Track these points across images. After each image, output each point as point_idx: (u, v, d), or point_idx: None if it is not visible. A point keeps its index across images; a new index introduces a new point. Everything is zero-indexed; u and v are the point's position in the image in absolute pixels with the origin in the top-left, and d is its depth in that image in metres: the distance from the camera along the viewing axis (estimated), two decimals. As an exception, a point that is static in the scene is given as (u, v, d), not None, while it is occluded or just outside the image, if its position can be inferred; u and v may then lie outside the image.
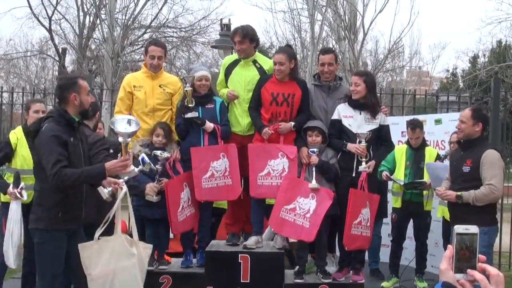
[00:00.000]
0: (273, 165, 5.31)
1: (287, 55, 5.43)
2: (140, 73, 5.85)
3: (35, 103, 5.82)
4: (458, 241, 1.64)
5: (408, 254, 7.18)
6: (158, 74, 5.71)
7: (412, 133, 6.69)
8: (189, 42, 21.43)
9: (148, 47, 5.77)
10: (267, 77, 5.55)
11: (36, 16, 21.63)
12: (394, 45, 15.33)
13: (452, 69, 29.78)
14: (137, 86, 5.63)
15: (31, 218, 4.32)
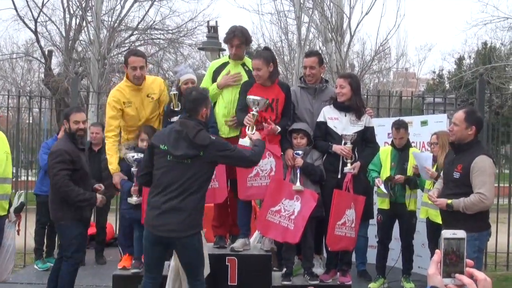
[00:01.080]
0: (261, 165, 5.28)
1: (263, 60, 5.34)
2: (125, 86, 5.60)
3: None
4: (445, 245, 1.65)
5: (395, 255, 7.21)
6: (142, 85, 5.56)
7: (397, 133, 6.73)
8: (176, 44, 21.35)
9: (128, 58, 5.52)
10: (251, 82, 5.51)
11: (22, 18, 21.43)
12: (381, 47, 15.43)
13: (438, 70, 30.06)
14: (126, 103, 5.52)
15: (184, 227, 4.41)
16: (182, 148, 4.41)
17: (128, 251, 5.66)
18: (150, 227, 4.48)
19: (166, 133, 4.58)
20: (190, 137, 4.41)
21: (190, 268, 4.62)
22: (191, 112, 4.59)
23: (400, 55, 24.05)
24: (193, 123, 4.50)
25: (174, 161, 4.44)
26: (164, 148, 4.47)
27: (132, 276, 5.38)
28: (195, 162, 4.44)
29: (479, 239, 4.90)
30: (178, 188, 4.40)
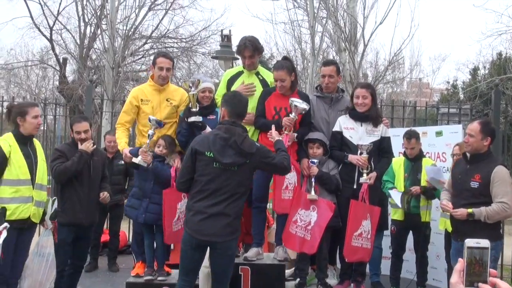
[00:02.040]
0: (289, 178, 5.29)
1: (286, 71, 5.37)
2: (147, 86, 5.79)
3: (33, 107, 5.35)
4: (469, 254, 1.63)
5: (409, 266, 7.15)
6: (165, 87, 5.69)
7: (408, 143, 6.69)
8: (189, 52, 21.48)
9: (157, 58, 5.74)
10: (270, 90, 5.52)
11: (37, 26, 21.69)
12: (395, 57, 15.36)
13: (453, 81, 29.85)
14: (144, 100, 5.62)
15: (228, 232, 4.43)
16: (230, 156, 4.41)
17: (141, 258, 5.66)
18: (193, 232, 4.46)
19: (210, 140, 4.51)
20: (238, 145, 4.41)
21: (222, 273, 4.61)
22: (237, 117, 4.59)
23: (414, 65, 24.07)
24: (240, 130, 4.52)
25: (221, 168, 4.44)
26: (210, 155, 4.45)
27: (145, 283, 5.38)
28: (241, 169, 4.47)
29: (495, 249, 4.91)
30: (224, 194, 4.42)
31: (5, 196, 4.91)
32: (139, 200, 5.44)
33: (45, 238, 5.31)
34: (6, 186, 4.96)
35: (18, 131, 5.14)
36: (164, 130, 5.61)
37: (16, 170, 4.99)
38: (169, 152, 5.44)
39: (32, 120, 5.14)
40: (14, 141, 5.06)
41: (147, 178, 5.41)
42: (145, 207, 5.37)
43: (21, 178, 4.99)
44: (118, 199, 7.94)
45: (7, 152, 4.96)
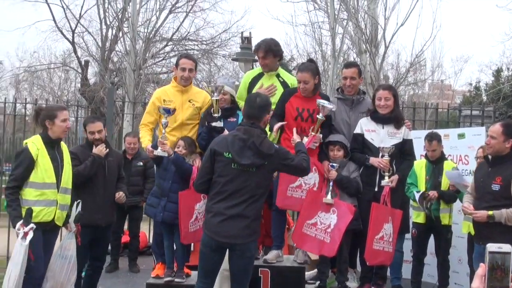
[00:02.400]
0: (306, 178, 5.23)
1: (311, 73, 5.36)
2: (170, 87, 5.84)
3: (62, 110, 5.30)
4: (490, 259, 1.61)
5: (430, 270, 7.06)
6: (187, 89, 5.72)
7: (429, 145, 6.61)
8: (210, 55, 21.57)
9: (179, 60, 5.81)
10: (291, 91, 5.50)
11: (60, 29, 21.97)
12: (416, 58, 15.24)
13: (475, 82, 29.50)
14: (167, 100, 5.65)
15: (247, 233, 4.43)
16: (248, 157, 4.41)
17: (161, 259, 5.68)
18: (213, 233, 4.46)
19: (229, 141, 4.51)
20: (256, 145, 4.40)
21: (241, 275, 4.60)
22: (255, 119, 4.58)
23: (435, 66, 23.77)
24: (258, 131, 4.51)
25: (239, 169, 4.44)
26: (228, 156, 4.45)
27: (165, 284, 5.39)
28: (259, 170, 4.46)
29: None
30: (243, 196, 4.42)
31: (30, 199, 4.91)
32: (158, 199, 5.48)
33: (68, 241, 5.27)
34: (31, 189, 4.93)
35: (46, 134, 5.11)
36: (186, 132, 5.64)
37: (42, 174, 4.96)
38: (188, 153, 5.45)
39: (61, 123, 5.11)
40: (42, 144, 5.04)
41: (165, 177, 5.44)
42: (163, 205, 5.40)
43: (46, 181, 4.98)
44: (137, 201, 7.98)
45: (35, 155, 4.94)
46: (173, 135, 5.57)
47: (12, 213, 4.92)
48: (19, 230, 4.74)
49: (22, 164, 4.94)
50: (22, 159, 4.96)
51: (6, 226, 9.01)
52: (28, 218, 4.82)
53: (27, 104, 10.74)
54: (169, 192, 5.39)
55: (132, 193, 7.91)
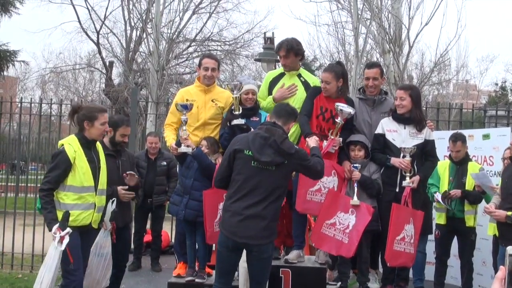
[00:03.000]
0: (325, 182, 5.22)
1: (334, 74, 5.36)
2: (193, 87, 5.89)
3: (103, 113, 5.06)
4: (511, 262, 1.58)
5: (454, 272, 6.98)
6: (210, 88, 5.76)
7: (453, 145, 6.52)
8: (233, 55, 21.64)
9: (202, 59, 5.86)
10: (319, 89, 5.49)
11: (85, 30, 22.31)
12: (441, 58, 15.07)
13: (501, 82, 29.09)
14: (190, 100, 5.66)
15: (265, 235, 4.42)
16: (268, 155, 4.40)
17: (183, 259, 5.72)
18: (230, 233, 4.45)
19: (250, 138, 4.53)
20: (277, 144, 4.41)
21: (259, 276, 4.60)
22: (281, 119, 4.62)
23: (460, 66, 23.52)
24: (280, 131, 4.52)
25: (259, 167, 4.43)
26: (249, 154, 4.46)
27: (186, 284, 5.43)
28: (279, 169, 4.45)
29: None
30: (261, 195, 4.40)
31: (68, 202, 4.71)
32: (180, 197, 5.53)
33: (104, 239, 5.18)
34: (69, 193, 4.74)
35: (83, 135, 4.89)
36: (209, 132, 5.66)
37: (80, 177, 4.76)
38: (211, 152, 5.48)
39: (100, 126, 4.90)
40: (78, 146, 4.81)
41: (187, 175, 5.48)
42: (185, 203, 5.44)
43: (85, 185, 4.79)
44: (161, 200, 8.05)
45: (72, 158, 4.72)
46: (196, 135, 5.59)
47: (47, 215, 4.69)
48: (55, 234, 4.56)
49: (59, 166, 4.73)
50: (59, 162, 4.74)
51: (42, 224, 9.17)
52: (65, 222, 4.64)
53: (53, 104, 10.88)
54: (191, 190, 5.43)
55: (157, 192, 8.00)
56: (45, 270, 4.59)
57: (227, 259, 4.57)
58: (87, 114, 4.88)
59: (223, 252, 4.55)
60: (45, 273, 4.58)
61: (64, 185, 4.74)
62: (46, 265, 4.61)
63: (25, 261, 9.23)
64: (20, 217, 9.36)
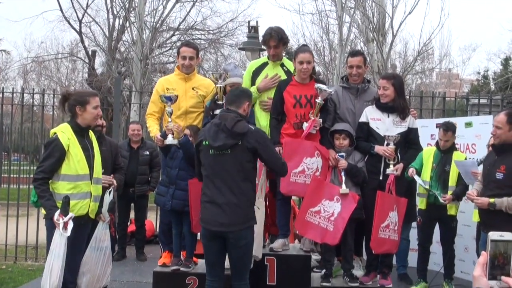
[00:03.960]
0: (308, 163, 5.26)
1: (311, 54, 5.46)
2: (173, 75, 5.90)
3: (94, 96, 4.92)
4: (492, 247, 1.64)
5: (437, 258, 7.07)
6: (190, 77, 5.76)
7: (444, 134, 6.56)
8: (217, 44, 21.55)
9: (180, 48, 5.86)
10: (287, 81, 5.54)
11: (67, 19, 22.00)
12: (424, 47, 15.14)
13: (483, 71, 29.37)
14: (170, 89, 5.67)
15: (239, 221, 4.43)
16: (221, 139, 4.46)
17: (168, 248, 5.72)
18: (205, 223, 4.53)
19: (207, 129, 4.66)
20: (228, 127, 4.45)
21: (238, 265, 4.60)
22: (233, 104, 4.65)
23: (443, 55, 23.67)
24: (233, 115, 4.55)
25: (216, 153, 4.50)
26: (206, 144, 4.55)
27: (171, 273, 5.44)
28: (234, 151, 4.47)
29: None
30: (225, 180, 4.45)
31: (63, 192, 4.58)
32: (166, 188, 5.52)
33: (103, 232, 5.02)
34: (64, 182, 4.62)
35: (76, 122, 4.75)
36: (190, 120, 5.66)
37: (75, 165, 4.63)
38: (194, 141, 5.47)
39: (93, 110, 4.76)
40: (71, 133, 4.68)
41: (172, 165, 5.48)
42: (172, 194, 5.44)
43: (80, 173, 4.65)
44: (143, 190, 8.05)
45: (66, 146, 4.59)
46: (178, 124, 5.58)
47: (46, 203, 4.55)
48: (58, 221, 4.42)
49: (53, 155, 4.59)
50: (52, 150, 4.61)
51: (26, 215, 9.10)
52: (66, 207, 4.50)
53: (35, 94, 10.75)
54: (177, 180, 5.43)
55: (139, 182, 7.99)
56: (53, 259, 4.47)
57: (209, 250, 4.61)
58: (79, 99, 4.76)
59: (205, 244, 4.61)
60: (54, 261, 4.46)
61: (58, 174, 4.63)
62: (53, 253, 4.49)
63: (9, 252, 9.17)
64: (3, 208, 9.28)
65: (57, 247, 4.47)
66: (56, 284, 4.42)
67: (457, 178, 6.44)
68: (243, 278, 4.61)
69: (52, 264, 4.45)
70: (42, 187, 4.59)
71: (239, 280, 4.60)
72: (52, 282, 4.41)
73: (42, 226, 8.26)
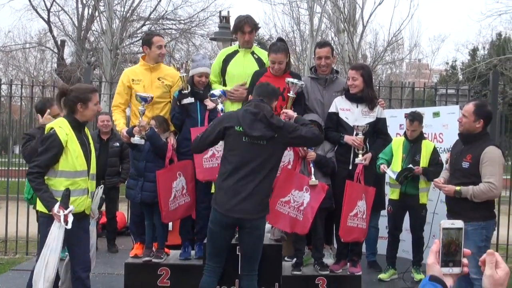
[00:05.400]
0: None
1: (285, 53, 5.41)
2: (139, 66, 5.86)
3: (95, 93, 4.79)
4: (445, 235, 1.69)
5: (406, 246, 7.20)
6: (156, 67, 5.72)
7: (410, 124, 6.67)
8: (188, 34, 21.41)
9: (153, 38, 5.76)
10: (261, 72, 5.54)
11: (35, 8, 21.61)
12: (394, 38, 15.37)
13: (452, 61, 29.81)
14: (135, 80, 5.64)
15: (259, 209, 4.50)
16: (259, 129, 4.45)
17: (139, 239, 5.71)
18: (225, 210, 4.47)
19: (240, 114, 4.56)
20: (267, 118, 4.46)
21: (251, 253, 4.65)
22: (267, 98, 4.67)
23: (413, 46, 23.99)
24: (269, 107, 4.60)
25: (250, 142, 4.48)
26: (240, 130, 4.49)
27: (143, 264, 5.44)
28: (270, 143, 4.51)
29: (486, 228, 4.97)
30: (254, 169, 4.46)
31: (60, 189, 4.45)
32: (135, 180, 5.50)
33: (91, 228, 4.92)
34: (62, 178, 4.49)
35: (74, 118, 4.60)
36: (157, 111, 5.63)
37: (73, 161, 4.50)
38: (161, 131, 5.46)
39: (94, 107, 4.66)
40: (69, 129, 4.53)
41: (139, 157, 5.45)
42: (141, 186, 5.42)
43: (78, 169, 4.53)
44: (114, 181, 7.99)
45: (64, 141, 4.45)
46: (145, 115, 5.53)
47: (43, 196, 4.43)
48: (59, 213, 4.33)
49: (50, 150, 4.45)
50: (49, 145, 4.46)
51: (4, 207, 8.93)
52: (67, 200, 4.41)
53: (2, 84, 10.54)
54: (145, 172, 5.41)
55: (109, 174, 7.92)
56: (49, 252, 4.38)
57: (220, 237, 4.60)
58: (80, 96, 4.60)
59: (216, 231, 4.58)
60: (50, 255, 4.38)
61: (54, 170, 4.49)
62: (50, 247, 4.39)
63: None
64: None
65: (54, 240, 4.38)
66: (52, 277, 4.39)
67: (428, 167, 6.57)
68: (254, 268, 4.67)
69: (47, 258, 4.38)
70: (38, 180, 4.45)
71: (249, 271, 4.67)
72: (48, 276, 4.37)
73: (11, 219, 8.20)
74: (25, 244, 8.28)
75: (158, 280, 5.39)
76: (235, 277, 5.05)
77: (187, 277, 5.36)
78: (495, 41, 23.74)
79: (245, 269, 4.70)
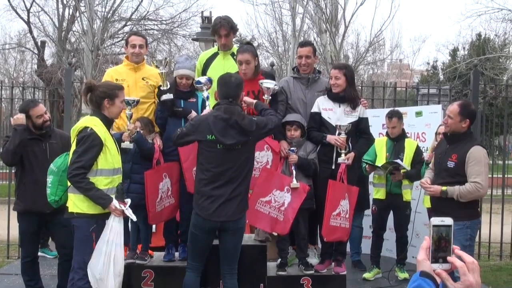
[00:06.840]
0: (257, 157, 5.26)
1: (252, 54, 5.34)
2: (122, 66, 5.81)
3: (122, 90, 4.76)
4: (435, 232, 1.73)
5: (389, 245, 7.24)
6: (140, 67, 5.68)
7: (389, 121, 6.72)
8: (170, 35, 21.30)
9: (129, 37, 5.81)
10: None
11: (14, 8, 21.31)
12: (375, 38, 15.45)
13: (433, 62, 30.09)
14: (119, 79, 5.54)
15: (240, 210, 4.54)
16: (232, 136, 4.45)
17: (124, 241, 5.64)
18: (208, 215, 4.50)
19: (210, 122, 4.50)
20: (239, 124, 4.45)
21: (233, 252, 4.70)
22: (234, 97, 4.62)
23: (394, 46, 24.20)
24: (239, 109, 4.58)
25: (225, 149, 4.47)
26: (212, 138, 4.47)
27: (127, 266, 5.37)
28: (244, 146, 4.53)
29: (471, 227, 5.00)
30: (232, 174, 4.48)
31: (101, 188, 4.41)
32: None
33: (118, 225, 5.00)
34: (102, 177, 4.44)
35: (104, 115, 4.55)
36: (142, 111, 5.57)
37: (112, 159, 4.49)
38: (146, 133, 5.41)
39: (120, 104, 4.64)
40: (103, 126, 4.49)
41: (125, 159, 5.38)
42: (126, 188, 5.36)
43: (115, 167, 4.54)
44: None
45: (103, 139, 4.41)
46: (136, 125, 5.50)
47: (96, 194, 4.37)
48: (120, 207, 4.39)
49: (92, 150, 4.37)
50: (90, 145, 4.37)
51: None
52: (123, 194, 4.51)
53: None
54: (131, 173, 5.35)
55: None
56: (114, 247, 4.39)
57: (202, 240, 4.65)
58: (108, 92, 4.56)
59: (198, 234, 4.62)
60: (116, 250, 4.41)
61: (93, 170, 4.41)
62: (114, 243, 4.39)
63: None
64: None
65: (117, 235, 4.42)
66: (122, 272, 4.51)
67: (410, 165, 6.62)
68: (234, 266, 4.73)
69: (115, 253, 4.40)
70: (85, 180, 4.36)
71: (231, 269, 4.72)
72: (119, 271, 4.46)
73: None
74: (6, 248, 8.16)
75: (142, 282, 5.35)
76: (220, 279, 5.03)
77: (171, 279, 5.32)
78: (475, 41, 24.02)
79: (226, 268, 4.72)
